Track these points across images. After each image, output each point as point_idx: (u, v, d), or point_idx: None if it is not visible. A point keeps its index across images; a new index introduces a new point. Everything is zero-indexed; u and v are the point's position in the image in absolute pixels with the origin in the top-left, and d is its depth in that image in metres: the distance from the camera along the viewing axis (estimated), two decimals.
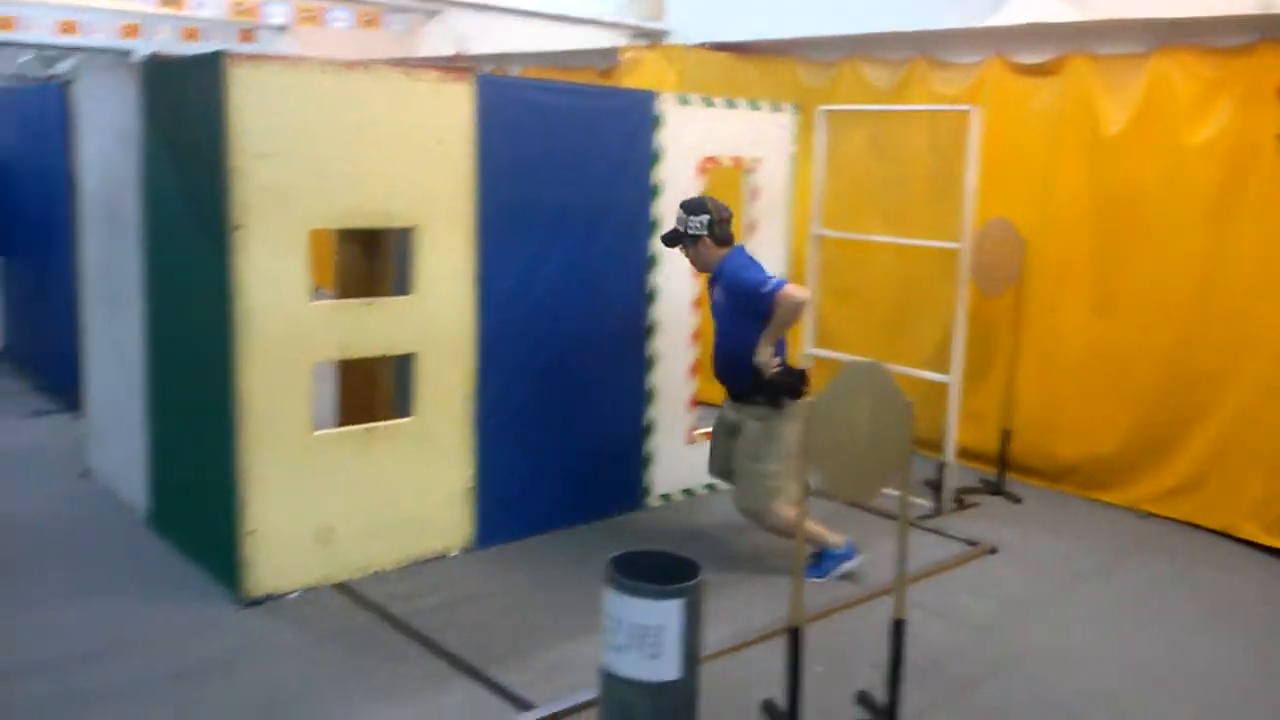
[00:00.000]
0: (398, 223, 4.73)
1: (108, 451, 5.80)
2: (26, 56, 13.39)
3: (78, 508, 5.55)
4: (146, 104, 4.94)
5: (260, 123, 4.22)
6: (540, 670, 4.02)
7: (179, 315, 4.88)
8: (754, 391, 4.81)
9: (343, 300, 4.88)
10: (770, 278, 4.75)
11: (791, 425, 4.79)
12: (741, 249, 4.99)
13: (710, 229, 4.86)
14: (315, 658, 4.11)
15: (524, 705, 3.77)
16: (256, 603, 4.46)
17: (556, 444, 5.30)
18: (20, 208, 8.14)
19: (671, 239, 4.99)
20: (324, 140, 4.40)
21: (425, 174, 4.66)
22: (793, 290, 4.64)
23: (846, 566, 4.90)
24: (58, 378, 7.38)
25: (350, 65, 4.51)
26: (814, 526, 4.85)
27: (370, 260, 5.28)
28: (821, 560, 4.89)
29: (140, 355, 5.21)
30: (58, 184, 6.85)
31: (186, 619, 4.38)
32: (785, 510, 4.78)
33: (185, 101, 4.61)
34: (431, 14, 9.99)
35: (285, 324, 4.38)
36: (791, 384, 4.78)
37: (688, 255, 5.00)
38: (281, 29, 11.64)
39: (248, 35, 12.07)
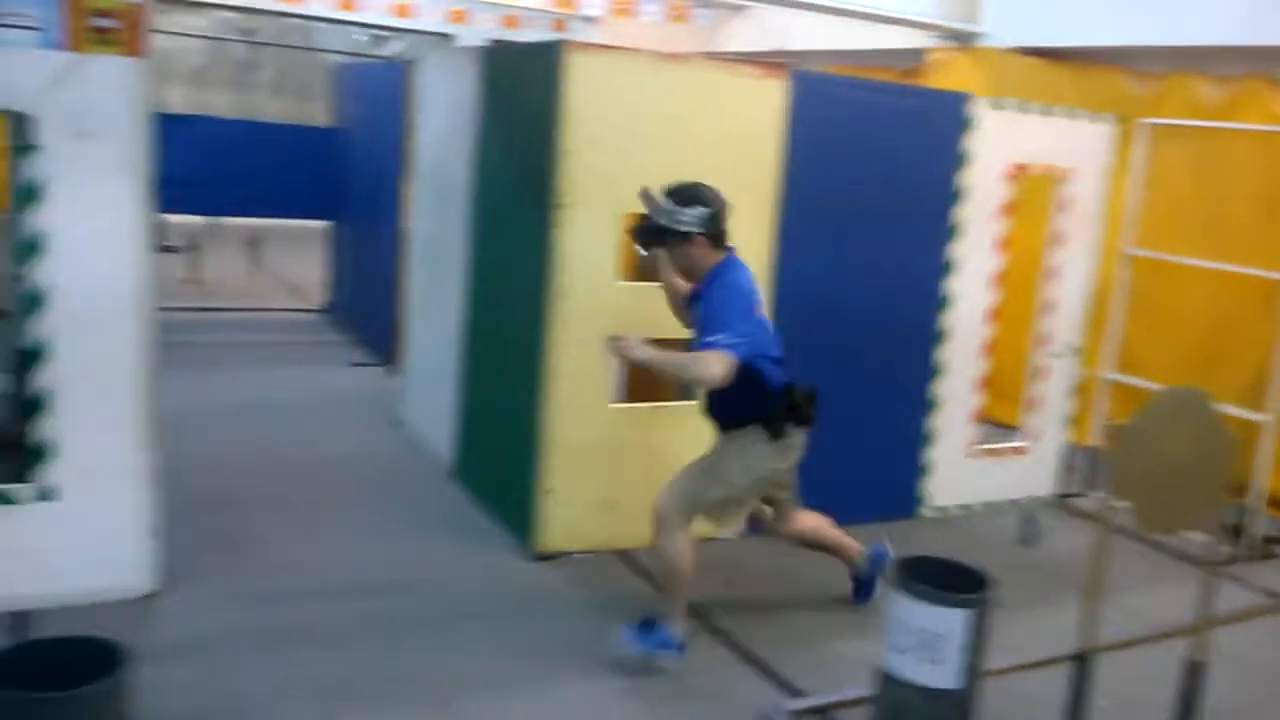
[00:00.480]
0: None
1: (419, 406, 6.32)
2: (361, 35, 14.56)
3: (389, 455, 6.09)
4: (484, 85, 5.33)
5: (591, 108, 4.49)
6: (810, 661, 4.10)
7: (498, 284, 5.28)
8: (750, 420, 4.01)
9: (647, 283, 5.08)
10: (732, 325, 3.75)
11: (770, 460, 4.08)
12: (737, 261, 3.99)
13: (707, 225, 3.87)
14: (601, 615, 4.32)
15: (795, 692, 3.85)
16: (546, 558, 4.77)
17: (835, 442, 5.28)
18: (353, 176, 8.93)
19: (652, 235, 3.95)
20: (644, 127, 4.63)
21: (734, 165, 4.77)
22: (716, 362, 3.67)
23: (664, 657, 3.94)
24: (374, 334, 8.10)
25: (673, 57, 4.72)
26: (681, 593, 4.03)
27: None
28: (653, 630, 3.96)
29: (457, 319, 5.64)
30: (390, 156, 7.46)
31: (482, 564, 4.74)
32: (683, 541, 4.01)
33: (522, 84, 4.95)
34: (738, 9, 10.16)
35: (595, 300, 4.65)
36: (799, 408, 4.04)
37: (673, 257, 4.00)
38: (591, 20, 12.15)
39: (560, 25, 12.69)
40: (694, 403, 4.92)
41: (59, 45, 3.62)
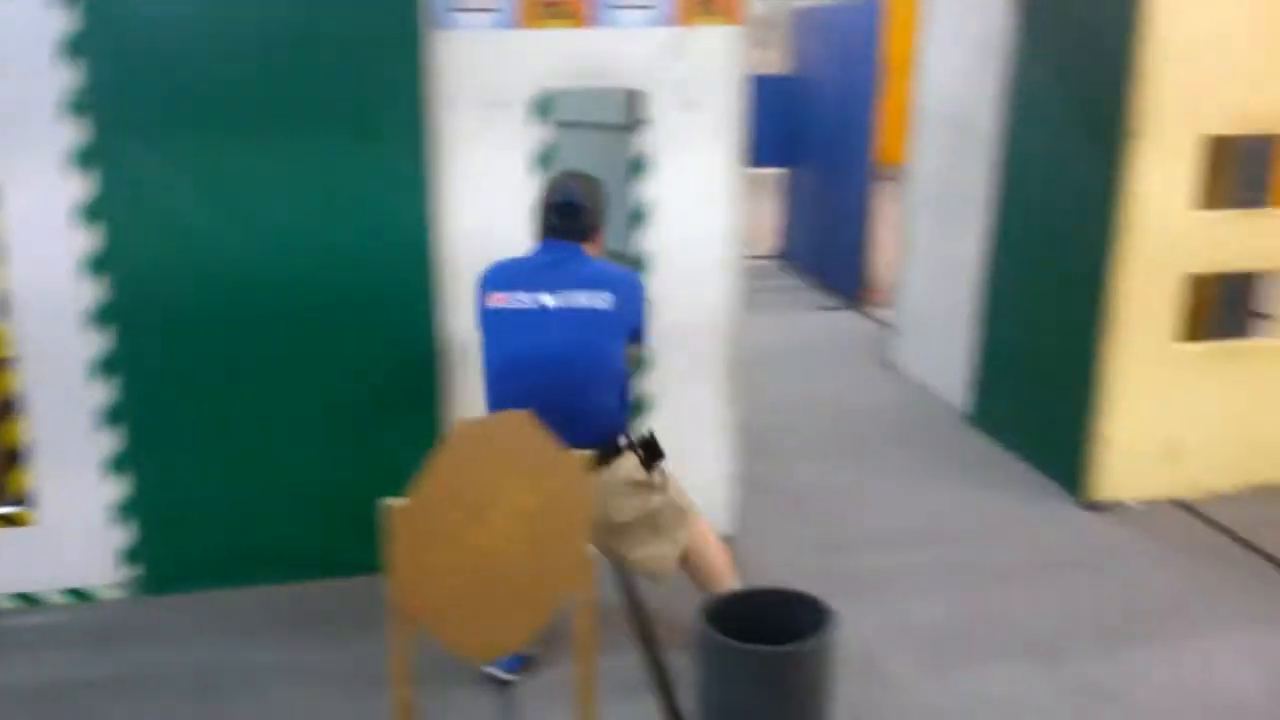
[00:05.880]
0: None
1: (917, 349, 6.27)
2: None
3: (893, 400, 6.07)
4: (1022, 13, 5.02)
5: (1174, 22, 4.14)
6: None
7: (1038, 221, 5.02)
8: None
9: (1223, 211, 4.58)
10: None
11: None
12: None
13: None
14: (1173, 569, 4.14)
15: None
16: (1097, 507, 4.62)
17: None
18: (814, 121, 8.82)
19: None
20: (1234, 37, 4.22)
21: None
22: None
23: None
24: (840, 278, 8.38)
25: None
26: None
27: (1206, 169, 4.63)
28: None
29: (976, 260, 5.49)
30: (860, 99, 7.64)
31: (1027, 514, 4.62)
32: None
33: (1080, 5, 4.62)
34: None
35: (1166, 233, 4.37)
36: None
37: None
38: None
39: None
40: (1271, 341, 4.72)
41: (669, 20, 3.78)
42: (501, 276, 3.27)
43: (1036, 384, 5.08)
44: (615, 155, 4.39)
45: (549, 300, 3.16)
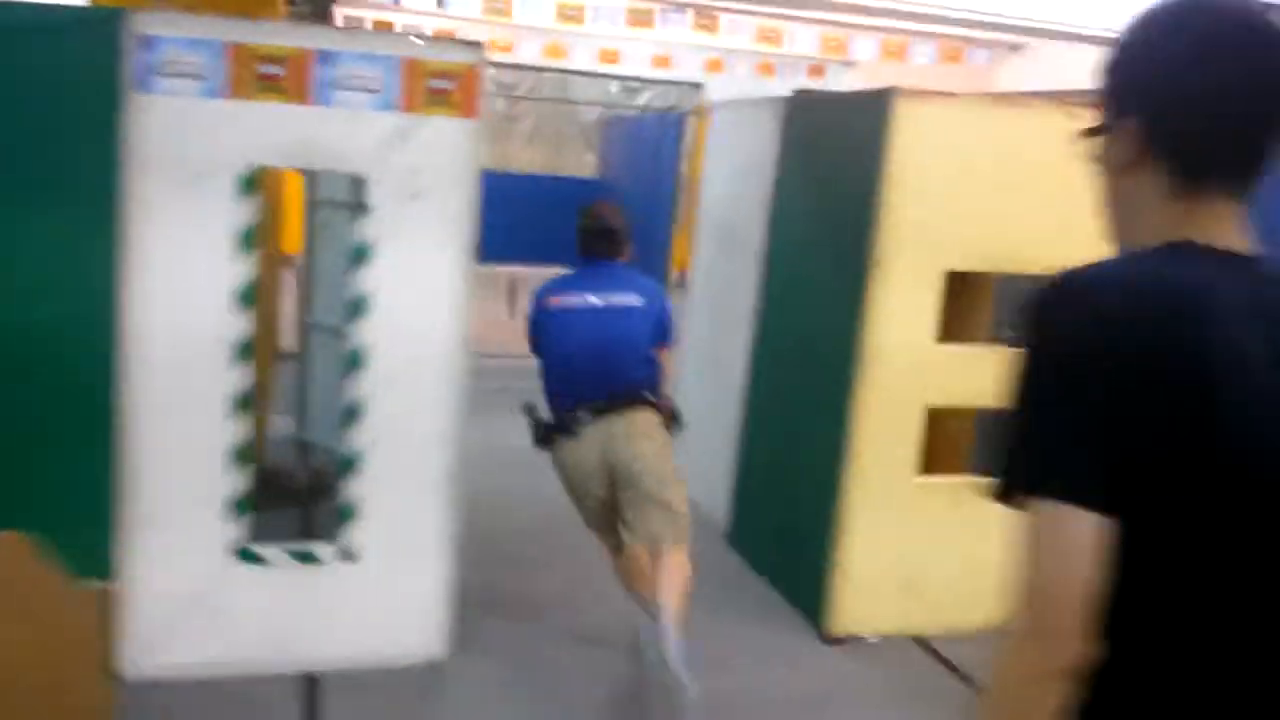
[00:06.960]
0: (1034, 268, 3.98)
1: (691, 459, 5.56)
2: (615, 87, 14.84)
3: None
4: (786, 137, 5.08)
5: (916, 159, 4.19)
6: None
7: (793, 342, 5.00)
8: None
9: (966, 345, 4.51)
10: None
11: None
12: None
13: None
14: (898, 711, 4.07)
15: None
16: (837, 641, 4.47)
17: None
18: None
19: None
20: (971, 178, 4.25)
21: (1074, 215, 3.99)
22: None
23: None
24: None
25: (1004, 101, 4.56)
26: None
27: (960, 304, 4.67)
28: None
29: (741, 375, 5.35)
30: (660, 208, 7.83)
31: (764, 645, 4.45)
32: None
33: (834, 135, 4.76)
34: (1015, 48, 9.44)
35: (908, 365, 4.32)
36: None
37: None
38: (849, 65, 11.83)
39: (818, 71, 12.42)
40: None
41: (396, 107, 3.62)
42: (555, 287, 4.15)
43: (785, 508, 4.94)
44: (346, 236, 4.21)
45: (595, 300, 4.01)
